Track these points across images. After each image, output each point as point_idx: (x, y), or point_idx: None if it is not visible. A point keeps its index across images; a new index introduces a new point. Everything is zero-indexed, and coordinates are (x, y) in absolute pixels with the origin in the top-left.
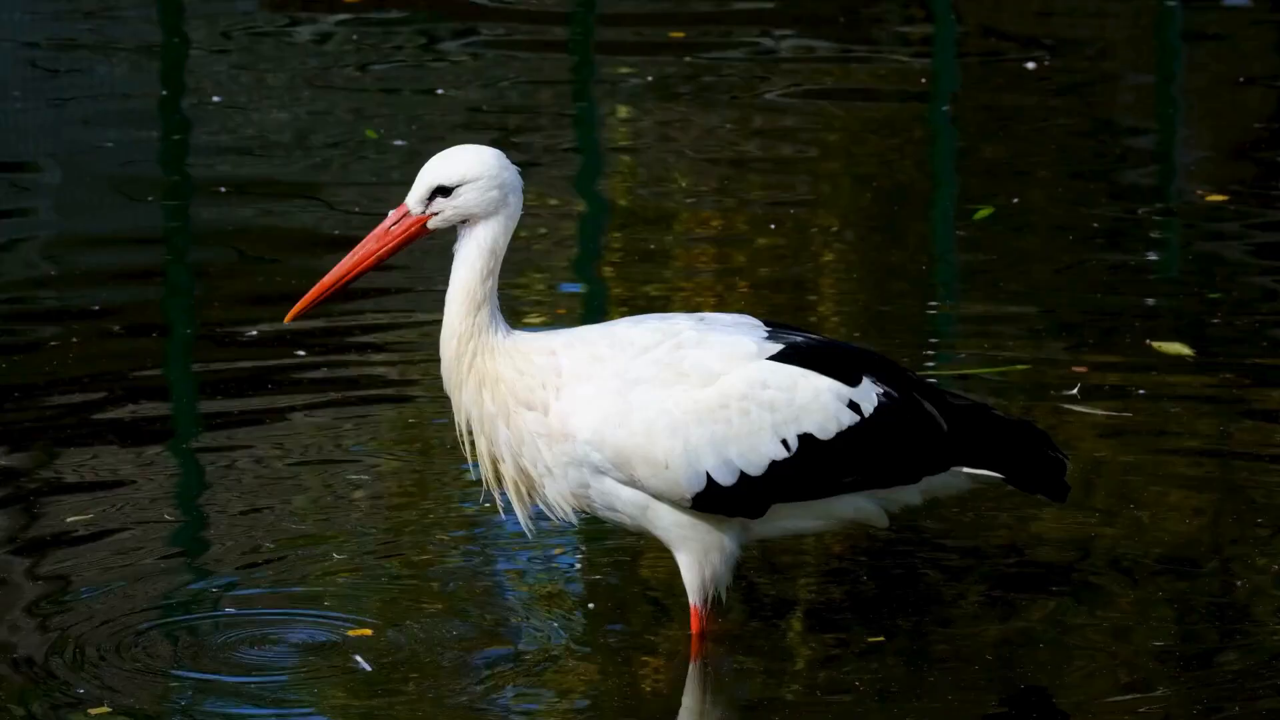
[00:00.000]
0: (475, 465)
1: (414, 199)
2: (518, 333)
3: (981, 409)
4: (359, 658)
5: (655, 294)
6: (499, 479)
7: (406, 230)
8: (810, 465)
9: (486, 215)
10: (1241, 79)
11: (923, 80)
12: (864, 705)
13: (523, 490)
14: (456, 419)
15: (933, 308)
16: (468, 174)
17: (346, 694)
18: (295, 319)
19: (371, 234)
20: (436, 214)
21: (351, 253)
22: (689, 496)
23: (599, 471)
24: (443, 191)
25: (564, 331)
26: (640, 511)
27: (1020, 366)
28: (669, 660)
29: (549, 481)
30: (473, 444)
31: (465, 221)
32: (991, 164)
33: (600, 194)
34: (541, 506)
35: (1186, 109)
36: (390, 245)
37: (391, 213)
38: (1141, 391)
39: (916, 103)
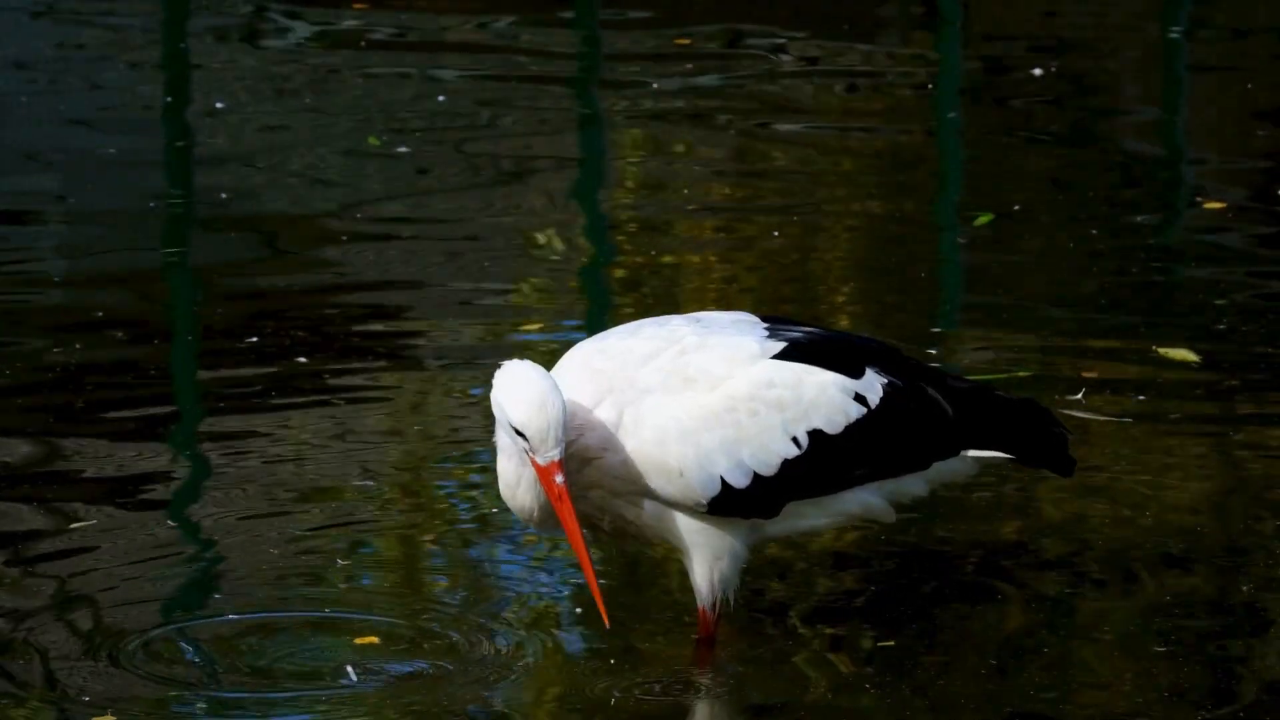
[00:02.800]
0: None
1: (555, 450)
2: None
3: (984, 390)
4: (350, 668)
5: (662, 275)
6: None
7: (565, 476)
8: (822, 460)
9: None
10: (1249, 85)
11: (929, 86)
12: (875, 709)
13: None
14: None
15: (937, 314)
16: (555, 391)
17: (348, 703)
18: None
19: (562, 509)
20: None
21: (570, 537)
22: (704, 501)
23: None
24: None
25: (561, 373)
26: (657, 520)
27: (1023, 373)
28: (676, 665)
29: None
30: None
31: None
32: (992, 170)
33: (601, 206)
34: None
35: (1190, 110)
36: (568, 496)
37: (557, 478)
38: (1141, 397)
39: (921, 105)
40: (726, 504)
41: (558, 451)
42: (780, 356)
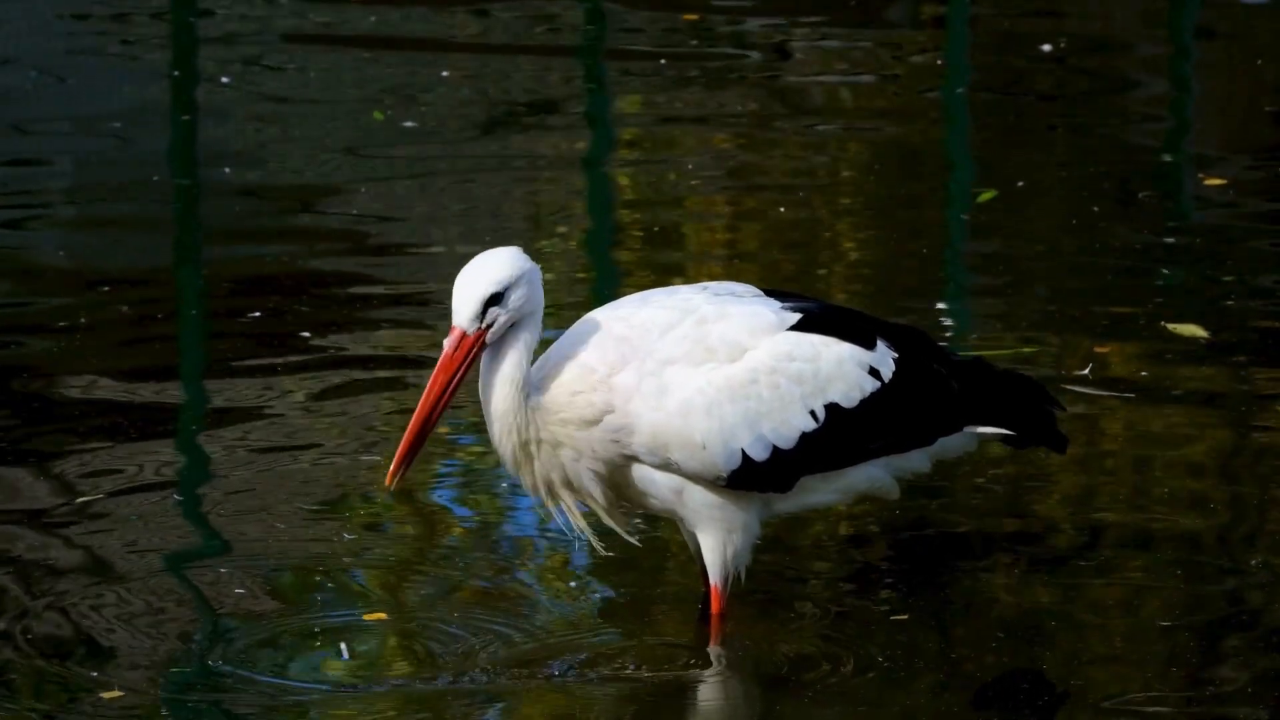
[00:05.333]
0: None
1: (465, 317)
2: (531, 374)
3: (980, 363)
4: (343, 645)
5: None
6: (590, 516)
7: (469, 351)
8: (837, 434)
9: (529, 313)
10: (1259, 60)
11: (939, 62)
12: (886, 683)
13: (619, 515)
14: (535, 491)
15: (944, 291)
16: (514, 275)
17: (349, 683)
18: (395, 480)
19: (437, 368)
20: (492, 324)
21: (424, 395)
22: (725, 475)
23: (635, 459)
24: (495, 299)
25: (575, 336)
26: (675, 495)
27: (1027, 350)
28: (688, 642)
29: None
30: (555, 504)
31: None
32: (995, 147)
33: (608, 178)
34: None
35: (1196, 93)
36: (459, 372)
37: (446, 341)
38: (1144, 373)
39: (930, 86)
40: (745, 478)
41: (463, 320)
42: (796, 328)
